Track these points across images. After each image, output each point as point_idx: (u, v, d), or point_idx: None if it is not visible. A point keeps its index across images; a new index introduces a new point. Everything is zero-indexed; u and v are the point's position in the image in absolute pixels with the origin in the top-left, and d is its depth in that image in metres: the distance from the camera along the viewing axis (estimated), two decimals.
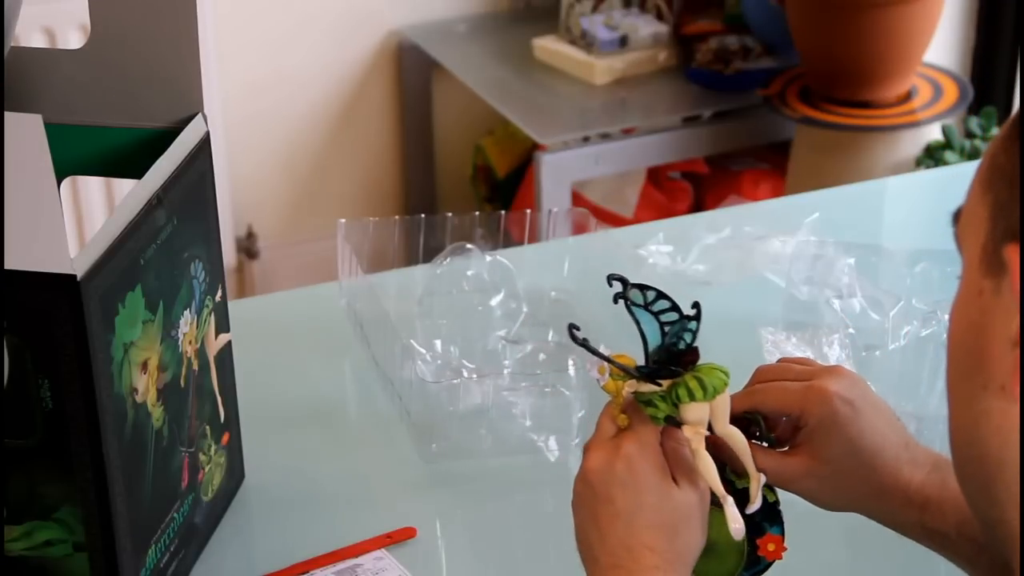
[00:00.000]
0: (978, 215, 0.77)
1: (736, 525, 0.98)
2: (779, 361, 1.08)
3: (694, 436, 0.98)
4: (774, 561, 1.03)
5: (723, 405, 0.99)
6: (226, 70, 2.86)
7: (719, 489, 0.98)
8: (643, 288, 0.99)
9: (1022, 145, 0.73)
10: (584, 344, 0.98)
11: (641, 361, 1.00)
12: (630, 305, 0.99)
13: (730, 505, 0.99)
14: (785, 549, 1.03)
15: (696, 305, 0.99)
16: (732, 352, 1.08)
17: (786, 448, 1.02)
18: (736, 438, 1.00)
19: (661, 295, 0.99)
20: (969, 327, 0.78)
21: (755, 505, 1.01)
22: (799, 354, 1.35)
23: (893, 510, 1.01)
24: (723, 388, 0.98)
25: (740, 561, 1.02)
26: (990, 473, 0.78)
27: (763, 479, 1.01)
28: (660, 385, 0.98)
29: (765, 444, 1.02)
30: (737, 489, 1.01)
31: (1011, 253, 0.73)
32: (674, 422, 0.98)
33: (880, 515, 1.03)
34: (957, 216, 0.81)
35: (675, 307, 0.99)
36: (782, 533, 1.02)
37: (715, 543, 1.00)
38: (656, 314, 0.99)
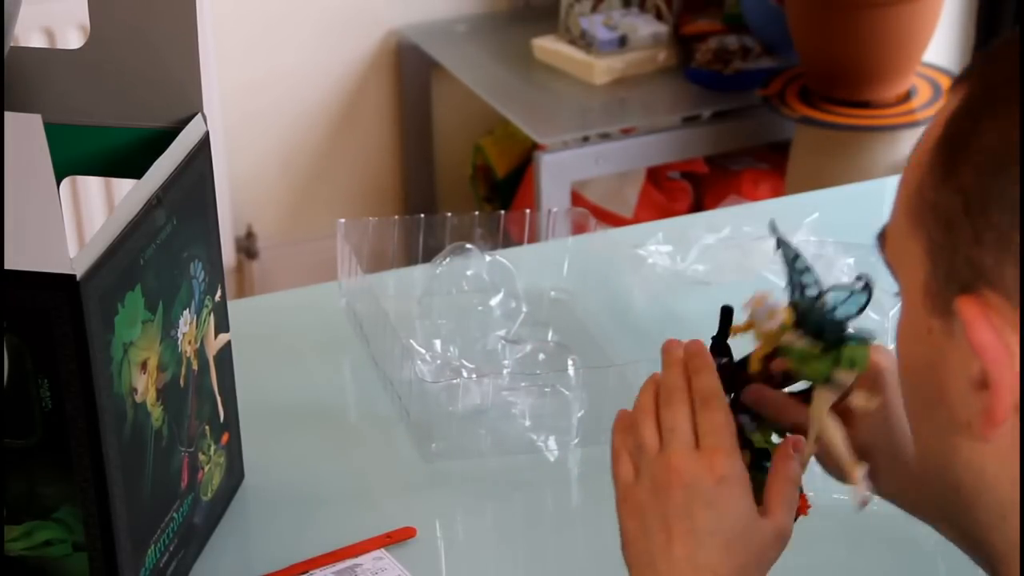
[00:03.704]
0: (911, 250, 0.76)
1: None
2: None
3: (826, 401, 0.96)
4: (799, 516, 1.01)
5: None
6: (225, 70, 2.86)
7: (845, 456, 0.96)
8: (795, 255, 0.97)
9: (1022, 189, 0.70)
10: (786, 249, 0.96)
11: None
12: (794, 269, 0.97)
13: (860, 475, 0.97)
14: (810, 506, 1.01)
15: (865, 280, 0.96)
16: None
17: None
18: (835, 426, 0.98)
19: (808, 268, 0.97)
20: (923, 363, 0.77)
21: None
22: None
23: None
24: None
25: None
26: (967, 500, 0.77)
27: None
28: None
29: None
30: (755, 448, 1.00)
31: (963, 306, 0.71)
32: (807, 389, 0.97)
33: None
34: (883, 238, 0.80)
35: (817, 281, 0.97)
36: (802, 491, 1.01)
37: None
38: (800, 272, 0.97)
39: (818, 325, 0.96)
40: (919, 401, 0.79)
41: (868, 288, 0.96)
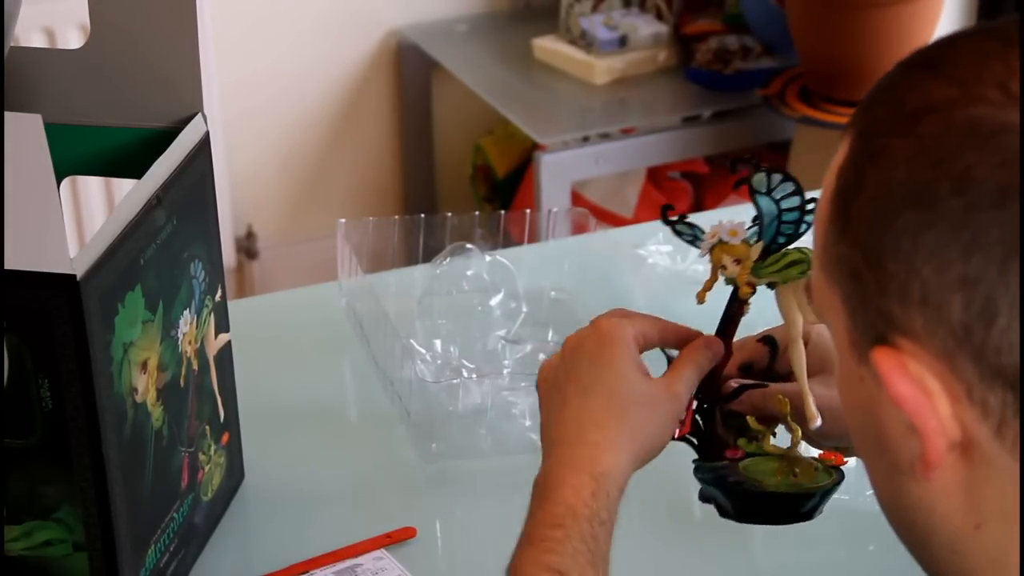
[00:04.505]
0: (831, 301, 0.76)
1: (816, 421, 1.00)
2: None
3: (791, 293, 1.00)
4: (839, 465, 1.03)
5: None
6: (225, 70, 2.86)
7: (803, 379, 1.01)
8: (769, 172, 0.98)
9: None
10: (677, 227, 1.02)
11: None
12: (753, 192, 0.98)
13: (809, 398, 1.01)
14: (845, 461, 1.03)
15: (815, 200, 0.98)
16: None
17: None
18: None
19: (787, 178, 0.98)
20: (862, 409, 0.77)
21: (817, 422, 1.01)
22: None
23: None
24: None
25: (830, 472, 1.02)
26: (921, 536, 0.78)
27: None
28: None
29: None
30: (747, 451, 1.04)
31: (878, 359, 0.72)
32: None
33: None
34: (809, 289, 0.80)
35: (798, 190, 0.98)
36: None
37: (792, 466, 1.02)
38: (778, 201, 0.99)
39: (775, 235, 1.00)
40: (865, 443, 0.79)
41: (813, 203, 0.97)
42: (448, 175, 3.15)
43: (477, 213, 1.58)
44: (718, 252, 1.01)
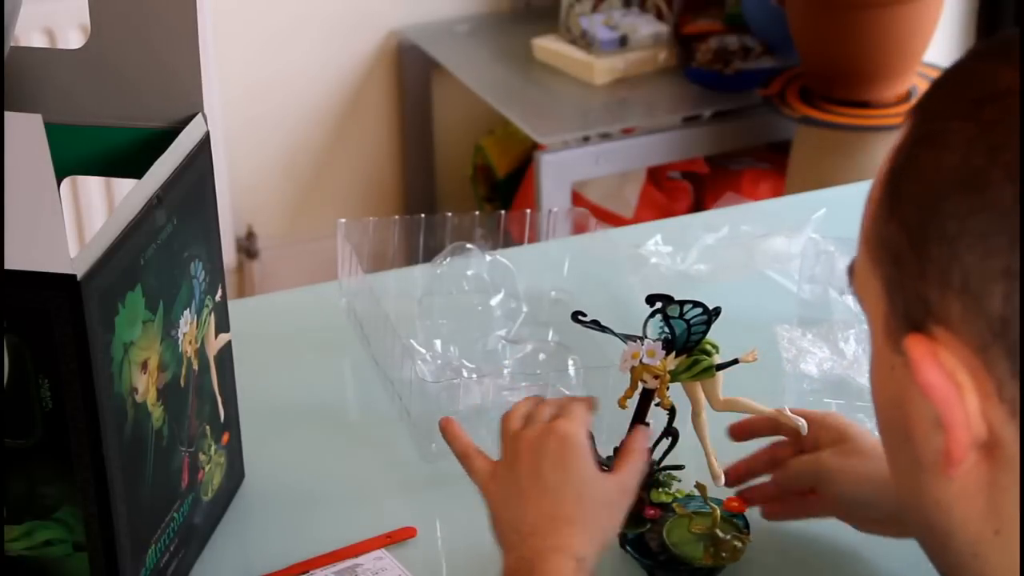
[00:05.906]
0: (872, 285, 0.76)
1: (720, 480, 1.13)
2: None
3: (699, 389, 1.12)
4: (742, 511, 1.17)
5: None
6: (226, 70, 2.86)
7: (708, 445, 1.13)
8: (681, 303, 1.09)
9: None
10: (600, 327, 1.11)
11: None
12: (667, 317, 1.09)
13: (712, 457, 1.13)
14: (745, 507, 1.16)
15: (718, 310, 1.10)
16: (744, 350, 1.09)
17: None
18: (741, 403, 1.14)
19: (697, 304, 1.09)
20: (891, 401, 0.77)
21: (721, 481, 1.13)
22: (815, 350, 1.40)
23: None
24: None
25: (742, 538, 1.14)
26: (940, 539, 0.77)
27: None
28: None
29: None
30: (662, 504, 1.16)
31: (911, 345, 0.71)
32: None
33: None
34: (851, 272, 0.79)
35: (706, 310, 1.09)
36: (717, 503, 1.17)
37: (690, 530, 1.15)
38: (688, 320, 1.09)
39: (685, 343, 1.11)
40: (891, 437, 0.78)
41: (717, 312, 1.10)
42: (448, 175, 3.15)
43: (477, 213, 1.58)
44: (639, 370, 1.10)
